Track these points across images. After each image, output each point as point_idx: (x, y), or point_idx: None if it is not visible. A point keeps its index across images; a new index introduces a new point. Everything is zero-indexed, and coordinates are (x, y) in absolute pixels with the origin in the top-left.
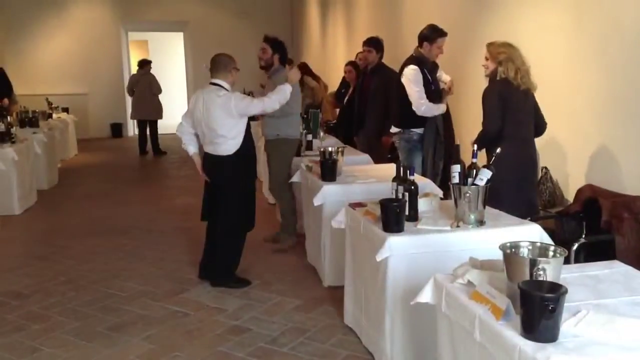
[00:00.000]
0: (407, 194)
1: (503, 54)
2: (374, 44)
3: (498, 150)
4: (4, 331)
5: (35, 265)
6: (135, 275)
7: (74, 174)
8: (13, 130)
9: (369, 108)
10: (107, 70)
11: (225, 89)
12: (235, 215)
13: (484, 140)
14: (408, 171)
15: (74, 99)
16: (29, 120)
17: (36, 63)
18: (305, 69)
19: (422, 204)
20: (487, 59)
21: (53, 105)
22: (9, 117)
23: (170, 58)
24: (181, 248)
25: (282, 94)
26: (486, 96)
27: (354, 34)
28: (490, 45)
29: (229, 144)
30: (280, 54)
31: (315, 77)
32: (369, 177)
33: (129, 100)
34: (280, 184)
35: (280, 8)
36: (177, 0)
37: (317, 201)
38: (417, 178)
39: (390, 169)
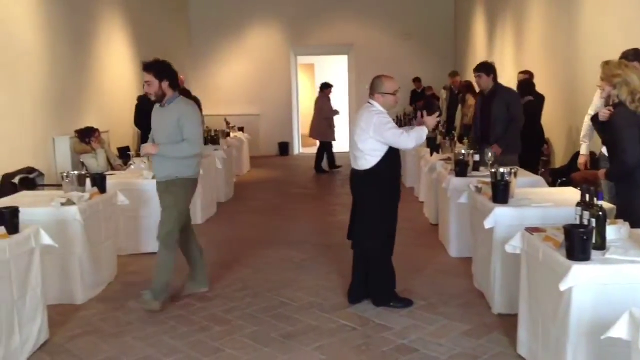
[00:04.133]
0: (594, 220)
1: (618, 77)
2: (483, 69)
3: None
4: (190, 331)
5: (217, 271)
6: (305, 286)
7: (247, 189)
8: None
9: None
10: (277, 93)
11: (375, 107)
12: (375, 233)
13: (621, 174)
14: (595, 196)
15: (248, 119)
16: (211, 139)
17: (217, 86)
18: (469, 89)
19: (611, 232)
20: (602, 79)
21: (231, 125)
22: None
23: (334, 81)
24: (347, 263)
25: (419, 138)
26: (620, 124)
27: (523, 54)
28: (605, 65)
29: (366, 159)
30: (168, 78)
31: (476, 96)
32: (545, 201)
33: (295, 120)
34: (168, 232)
35: (444, 27)
36: (344, 24)
37: (488, 224)
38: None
39: (567, 192)
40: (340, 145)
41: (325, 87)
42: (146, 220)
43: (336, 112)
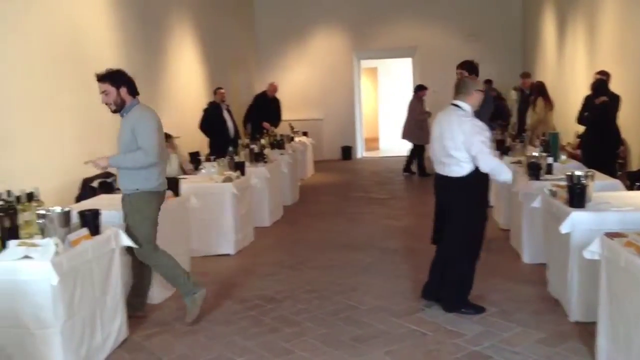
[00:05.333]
0: None
1: None
2: (466, 67)
3: None
4: (261, 331)
5: (285, 273)
6: (373, 290)
7: (312, 192)
8: (265, 151)
9: None
10: (340, 97)
11: (464, 109)
12: (461, 239)
13: None
14: None
15: (311, 124)
16: (277, 143)
17: (281, 91)
18: (541, 90)
19: None
20: None
21: (295, 130)
22: (262, 140)
23: (397, 83)
24: (414, 268)
25: (501, 171)
26: None
27: (596, 53)
28: None
29: (461, 166)
30: (126, 85)
31: (547, 97)
32: (625, 205)
33: (358, 124)
34: (150, 247)
35: (511, 26)
36: (407, 26)
37: (564, 229)
38: None
39: None
40: (403, 148)
41: (419, 89)
42: (216, 223)
43: (428, 114)
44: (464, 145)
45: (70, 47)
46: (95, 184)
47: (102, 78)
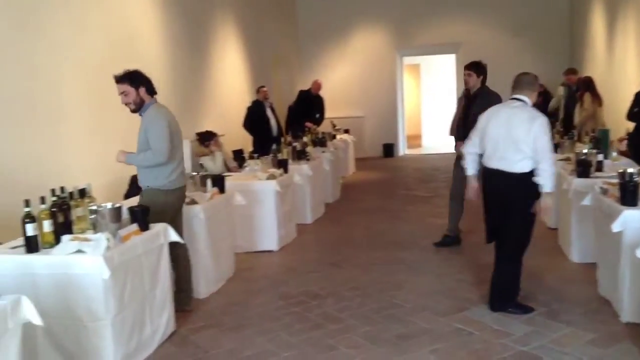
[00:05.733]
0: None
1: None
2: (474, 68)
3: None
4: (306, 327)
5: (328, 270)
6: (416, 288)
7: (353, 190)
8: (308, 149)
9: None
10: (382, 94)
11: (529, 105)
12: (519, 236)
13: None
14: None
15: (353, 122)
16: (319, 141)
17: (323, 89)
18: (588, 86)
19: None
20: None
21: (336, 127)
22: (304, 138)
23: (440, 80)
24: (459, 267)
25: (552, 177)
26: None
27: None
28: None
29: (526, 162)
30: (144, 85)
31: (595, 93)
32: None
33: (400, 121)
34: None
35: (558, 21)
36: (451, 23)
37: (616, 227)
38: None
39: None
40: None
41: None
42: (260, 219)
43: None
44: (534, 141)
45: (124, 47)
46: None
47: (120, 79)
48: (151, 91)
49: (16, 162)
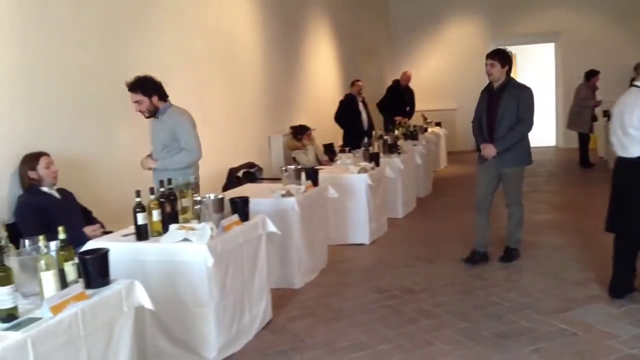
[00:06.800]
0: None
1: None
2: (499, 56)
3: None
4: (401, 321)
5: (421, 265)
6: (516, 287)
7: (445, 184)
8: (399, 143)
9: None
10: (475, 86)
11: None
12: (636, 225)
13: None
14: None
15: (445, 114)
16: (410, 134)
17: (413, 81)
18: None
19: None
20: None
21: (428, 120)
22: (395, 131)
23: (537, 70)
24: (560, 265)
25: None
26: None
27: None
28: None
29: (637, 146)
30: (156, 93)
31: None
32: None
33: None
34: None
35: None
36: (549, 10)
37: None
38: None
39: None
40: (544, 138)
41: (591, 75)
42: (352, 213)
43: (597, 102)
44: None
45: (223, 48)
46: (240, 173)
47: (133, 88)
48: (163, 97)
49: (129, 155)
